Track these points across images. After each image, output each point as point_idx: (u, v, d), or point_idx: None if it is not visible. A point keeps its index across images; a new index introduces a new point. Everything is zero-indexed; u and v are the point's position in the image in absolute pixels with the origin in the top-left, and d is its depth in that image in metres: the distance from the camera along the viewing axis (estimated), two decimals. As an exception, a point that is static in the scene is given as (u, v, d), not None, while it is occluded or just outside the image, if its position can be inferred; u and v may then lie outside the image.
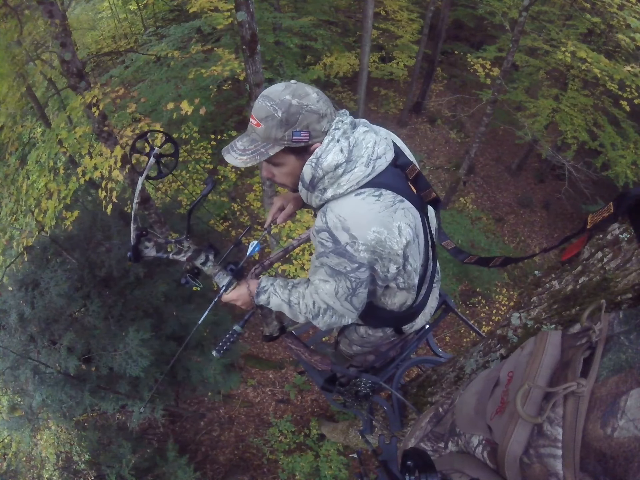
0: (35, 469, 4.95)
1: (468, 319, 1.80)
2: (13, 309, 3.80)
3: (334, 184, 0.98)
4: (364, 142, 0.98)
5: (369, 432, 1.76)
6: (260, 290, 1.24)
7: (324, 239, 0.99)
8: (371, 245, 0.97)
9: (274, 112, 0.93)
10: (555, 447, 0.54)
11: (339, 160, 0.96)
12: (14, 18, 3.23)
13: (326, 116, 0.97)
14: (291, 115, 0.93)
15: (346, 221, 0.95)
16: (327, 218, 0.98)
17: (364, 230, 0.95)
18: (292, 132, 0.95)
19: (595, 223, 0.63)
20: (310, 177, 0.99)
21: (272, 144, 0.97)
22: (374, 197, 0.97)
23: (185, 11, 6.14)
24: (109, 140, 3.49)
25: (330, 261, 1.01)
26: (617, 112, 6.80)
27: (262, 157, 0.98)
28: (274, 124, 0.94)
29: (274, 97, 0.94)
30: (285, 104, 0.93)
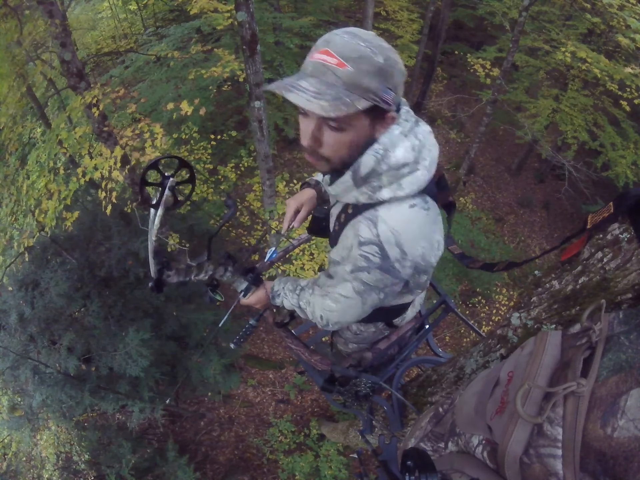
0: (35, 469, 4.95)
1: (468, 319, 1.80)
2: (13, 309, 3.80)
3: (393, 184, 0.83)
4: (428, 142, 0.87)
5: (369, 432, 1.76)
6: (274, 294, 1.24)
7: (370, 254, 0.86)
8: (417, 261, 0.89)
9: (373, 55, 0.72)
10: (555, 447, 0.54)
11: (408, 159, 0.82)
12: (14, 18, 3.24)
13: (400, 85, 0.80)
14: (389, 66, 0.74)
15: (400, 235, 0.84)
16: (378, 230, 0.84)
17: (414, 245, 0.86)
18: (385, 87, 0.75)
19: (595, 223, 0.63)
20: (369, 170, 0.83)
21: (360, 94, 0.73)
22: (425, 210, 0.86)
23: (186, 11, 6.15)
24: (109, 140, 3.50)
25: (370, 277, 0.90)
26: (617, 112, 6.81)
27: (349, 109, 0.72)
28: (370, 69, 0.72)
29: (369, 38, 0.73)
30: (385, 51, 0.74)
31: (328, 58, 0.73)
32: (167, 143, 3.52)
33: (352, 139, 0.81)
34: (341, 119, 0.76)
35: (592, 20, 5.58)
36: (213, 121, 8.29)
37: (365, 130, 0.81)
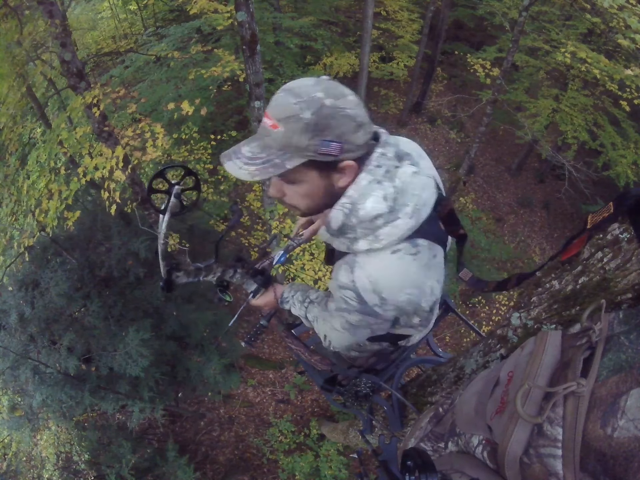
0: (35, 469, 4.96)
1: (468, 319, 1.80)
2: (13, 309, 3.80)
3: (369, 236, 0.80)
4: (411, 186, 0.80)
5: (369, 432, 1.76)
6: (283, 300, 1.24)
7: (348, 297, 0.85)
8: (401, 306, 0.85)
9: (300, 111, 0.71)
10: (555, 447, 0.54)
11: (380, 210, 0.77)
12: (14, 18, 3.24)
13: (363, 126, 0.77)
14: (322, 118, 0.71)
15: (378, 283, 0.81)
16: (354, 277, 0.82)
17: (397, 293, 0.82)
18: (320, 140, 0.73)
19: (595, 223, 0.63)
20: (340, 224, 0.81)
21: (292, 153, 0.74)
22: (411, 255, 0.81)
23: (186, 11, 6.15)
24: (109, 140, 3.50)
25: (352, 318, 0.90)
26: (617, 112, 6.81)
27: (277, 170, 0.75)
28: (298, 127, 0.72)
29: (301, 92, 0.72)
30: (316, 103, 0.71)
31: (266, 120, 0.75)
32: (168, 143, 3.52)
33: (308, 190, 0.81)
34: (288, 175, 0.78)
35: (592, 20, 5.58)
36: (213, 121, 8.30)
37: (319, 181, 0.80)
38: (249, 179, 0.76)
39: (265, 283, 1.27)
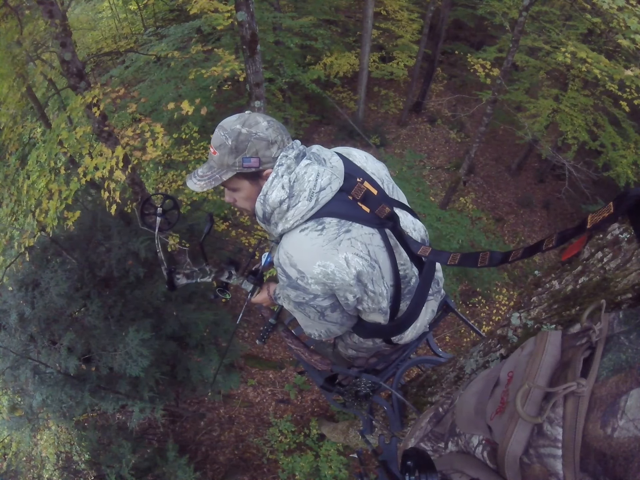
0: (35, 469, 4.96)
1: (468, 319, 1.80)
2: (13, 309, 3.80)
3: (282, 219, 1.02)
4: (305, 176, 1.00)
5: (369, 432, 1.76)
6: (276, 296, 1.40)
7: (280, 274, 1.05)
8: (319, 278, 1.00)
9: (225, 140, 0.99)
10: (555, 447, 0.54)
11: (281, 197, 0.99)
12: (14, 18, 3.24)
13: (276, 143, 1.01)
14: (240, 142, 0.98)
15: (292, 257, 1.00)
16: (278, 254, 1.04)
17: (309, 265, 0.99)
18: (242, 158, 0.99)
19: (595, 223, 0.63)
20: (262, 213, 1.05)
21: (226, 170, 1.02)
22: (317, 231, 0.99)
23: (186, 11, 6.15)
24: (109, 140, 3.50)
25: (289, 293, 1.08)
26: (617, 112, 6.81)
27: (216, 182, 1.03)
28: (225, 151, 0.99)
29: (226, 126, 1.00)
30: (235, 133, 0.99)
31: (210, 149, 1.04)
32: (168, 143, 3.52)
33: (246, 194, 1.08)
34: (228, 185, 1.06)
35: (592, 20, 5.57)
36: (213, 121, 8.29)
37: (251, 187, 1.06)
38: (199, 191, 1.06)
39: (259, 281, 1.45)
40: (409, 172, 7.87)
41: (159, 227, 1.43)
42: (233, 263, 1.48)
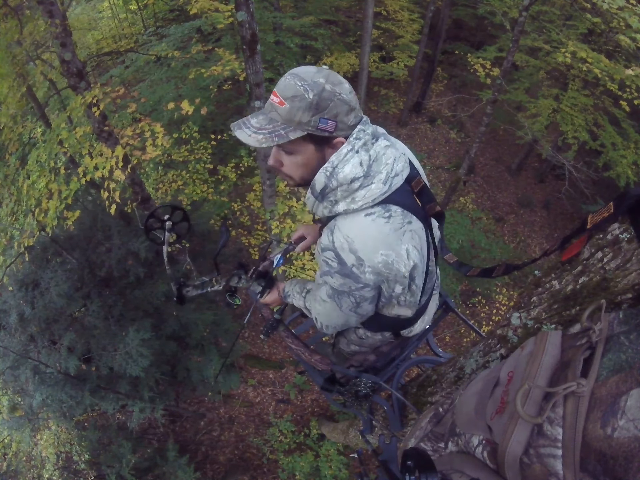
0: (35, 469, 4.96)
1: (468, 319, 1.80)
2: (13, 309, 3.80)
3: (347, 198, 0.92)
4: (384, 157, 0.93)
5: (369, 432, 1.76)
6: (285, 294, 1.36)
7: (329, 259, 0.95)
8: (378, 268, 0.93)
9: (305, 92, 0.85)
10: (555, 447, 0.54)
11: (356, 174, 0.90)
12: (14, 18, 3.24)
13: (354, 110, 0.91)
14: (322, 99, 0.85)
15: (354, 243, 0.91)
16: (334, 237, 0.93)
17: (371, 253, 0.91)
18: (319, 118, 0.87)
19: (595, 223, 0.63)
20: (323, 187, 0.93)
21: (295, 127, 0.88)
22: (384, 218, 0.92)
23: (186, 11, 6.15)
24: (109, 140, 3.50)
25: (334, 281, 0.98)
26: (617, 112, 6.80)
27: (281, 140, 0.88)
28: (301, 105, 0.85)
29: (306, 77, 0.86)
30: (319, 87, 0.85)
31: (274, 98, 0.89)
32: (168, 142, 3.52)
33: (304, 160, 0.94)
34: (287, 146, 0.92)
35: (592, 20, 5.57)
36: (213, 121, 8.30)
37: (314, 153, 0.94)
38: (257, 145, 0.89)
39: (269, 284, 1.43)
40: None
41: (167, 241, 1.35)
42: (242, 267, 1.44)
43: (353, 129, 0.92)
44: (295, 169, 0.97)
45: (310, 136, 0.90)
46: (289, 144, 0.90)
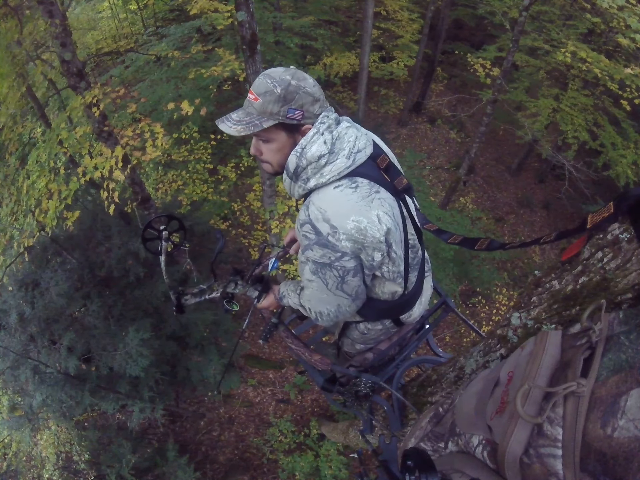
0: (35, 469, 4.96)
1: (468, 319, 1.80)
2: (13, 309, 3.80)
3: (316, 174, 1.04)
4: (346, 136, 1.05)
5: (369, 432, 1.76)
6: (281, 296, 1.39)
7: (307, 232, 1.05)
8: (351, 234, 1.01)
9: (274, 88, 0.99)
10: (555, 447, 0.54)
11: (322, 152, 1.02)
12: (14, 18, 3.24)
13: (319, 101, 1.04)
14: (289, 93, 0.99)
15: (326, 212, 1.01)
16: (309, 211, 1.03)
17: (343, 220, 1.00)
18: (287, 108, 1.00)
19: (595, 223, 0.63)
20: (295, 167, 1.05)
21: (267, 117, 1.02)
22: (351, 188, 1.02)
23: (186, 11, 6.14)
24: (109, 140, 3.50)
25: (314, 254, 1.06)
26: (617, 111, 6.81)
27: (256, 128, 1.02)
28: (271, 99, 0.99)
29: (274, 75, 1.01)
30: (285, 82, 0.99)
31: (250, 95, 1.04)
32: (168, 143, 3.52)
33: (278, 146, 1.08)
34: (263, 135, 1.06)
35: (592, 20, 5.58)
36: (213, 121, 8.28)
37: (287, 140, 1.06)
38: (236, 135, 1.04)
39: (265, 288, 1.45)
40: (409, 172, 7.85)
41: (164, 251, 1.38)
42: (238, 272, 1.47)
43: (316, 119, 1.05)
44: (272, 155, 1.10)
45: (282, 125, 1.03)
46: (264, 132, 1.04)
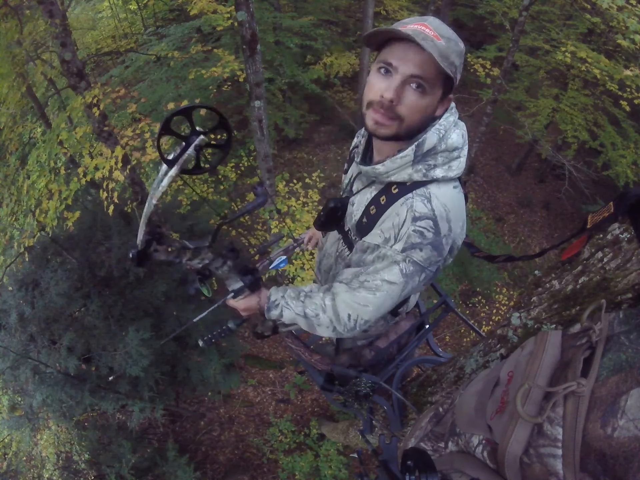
0: (35, 469, 4.95)
1: (468, 319, 1.80)
2: (13, 308, 3.80)
3: (445, 164, 0.92)
4: (464, 134, 0.97)
5: (369, 431, 1.76)
6: (271, 304, 1.11)
7: (425, 228, 0.89)
8: (456, 240, 0.96)
9: (457, 40, 0.85)
10: (555, 447, 0.54)
11: (459, 144, 0.93)
12: (14, 18, 3.24)
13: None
14: (463, 56, 0.88)
15: (450, 212, 0.91)
16: (433, 205, 0.89)
17: (456, 224, 0.94)
18: (460, 68, 0.88)
19: (595, 223, 0.63)
20: (432, 147, 0.91)
21: (447, 66, 0.84)
22: (461, 192, 0.97)
23: (186, 11, 6.15)
24: (109, 140, 3.50)
25: (421, 255, 0.91)
26: (617, 111, 6.81)
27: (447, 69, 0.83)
28: (456, 49, 0.85)
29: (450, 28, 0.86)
30: (461, 43, 0.87)
31: (426, 30, 0.82)
32: (168, 143, 3.52)
33: (427, 104, 0.89)
34: (429, 80, 0.85)
35: (592, 20, 5.58)
36: (213, 121, 8.29)
37: (436, 101, 0.90)
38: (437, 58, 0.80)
39: (253, 285, 1.13)
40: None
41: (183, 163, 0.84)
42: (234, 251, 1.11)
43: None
44: (414, 112, 0.89)
45: (447, 82, 0.88)
46: (432, 79, 0.85)
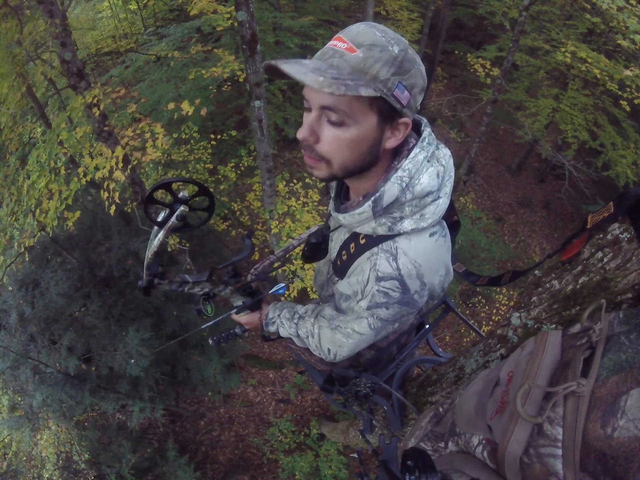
0: (35, 469, 4.96)
1: (468, 319, 1.80)
2: (13, 308, 3.80)
3: (415, 214, 0.76)
4: (448, 168, 0.79)
5: (369, 431, 1.76)
6: (268, 321, 1.17)
7: (390, 288, 0.79)
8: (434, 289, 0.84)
9: (388, 44, 0.65)
10: (555, 447, 0.54)
11: (433, 187, 0.75)
12: (14, 18, 3.24)
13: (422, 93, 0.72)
14: (406, 60, 0.66)
15: (421, 267, 0.78)
16: (399, 263, 0.77)
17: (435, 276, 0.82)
18: (398, 81, 0.66)
19: (596, 223, 0.63)
20: (393, 200, 0.75)
21: (365, 82, 0.64)
22: (443, 237, 0.82)
23: (186, 11, 6.15)
24: (109, 140, 3.50)
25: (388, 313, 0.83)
26: (617, 111, 6.81)
27: (349, 91, 0.61)
28: (382, 56, 0.64)
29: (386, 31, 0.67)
30: (403, 45, 0.67)
31: (339, 43, 0.66)
32: (168, 143, 3.52)
33: (354, 137, 0.69)
34: (343, 109, 0.67)
35: (592, 20, 5.58)
36: (213, 121, 8.29)
37: (372, 131, 0.70)
38: (315, 87, 0.61)
39: (253, 306, 1.21)
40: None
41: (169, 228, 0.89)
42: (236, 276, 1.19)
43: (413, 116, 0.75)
44: (339, 148, 0.71)
45: (380, 102, 0.67)
46: (348, 105, 0.66)
